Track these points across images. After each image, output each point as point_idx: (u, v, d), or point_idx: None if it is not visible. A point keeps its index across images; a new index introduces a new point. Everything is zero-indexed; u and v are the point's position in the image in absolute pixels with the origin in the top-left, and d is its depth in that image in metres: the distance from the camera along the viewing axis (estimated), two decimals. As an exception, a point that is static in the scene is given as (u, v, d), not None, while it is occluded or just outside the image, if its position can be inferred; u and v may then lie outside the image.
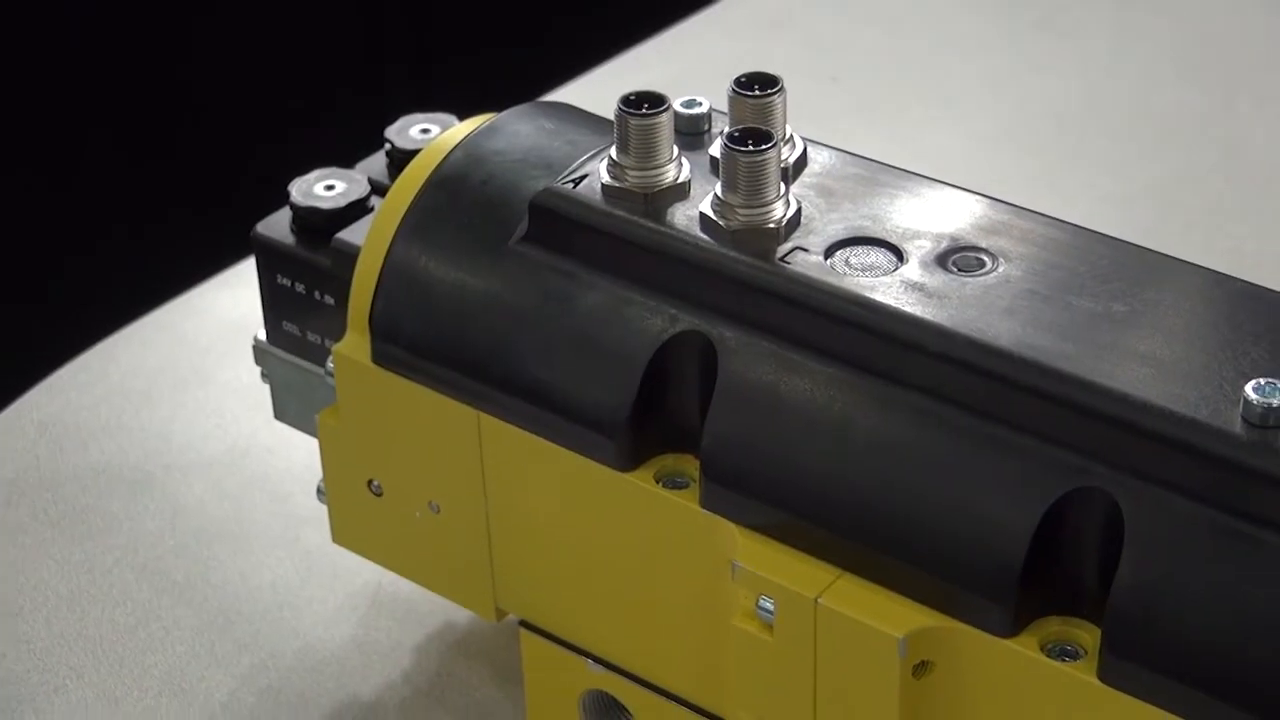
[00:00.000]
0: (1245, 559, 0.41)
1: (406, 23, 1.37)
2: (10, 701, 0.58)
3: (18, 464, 0.66)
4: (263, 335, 0.58)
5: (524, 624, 0.54)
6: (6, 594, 0.61)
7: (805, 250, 0.48)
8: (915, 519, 0.45)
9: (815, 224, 0.49)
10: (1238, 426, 0.42)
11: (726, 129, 0.48)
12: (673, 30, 0.90)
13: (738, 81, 0.49)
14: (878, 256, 0.48)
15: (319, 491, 0.56)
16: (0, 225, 1.33)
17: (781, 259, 0.47)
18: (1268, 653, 0.41)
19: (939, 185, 0.50)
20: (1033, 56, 0.89)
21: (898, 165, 0.51)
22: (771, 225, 0.48)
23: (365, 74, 1.38)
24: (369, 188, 0.56)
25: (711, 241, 0.48)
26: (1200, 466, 0.42)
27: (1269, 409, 0.42)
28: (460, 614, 0.60)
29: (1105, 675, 0.43)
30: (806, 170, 0.51)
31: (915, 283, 0.47)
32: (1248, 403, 0.42)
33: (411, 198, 0.52)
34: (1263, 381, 0.42)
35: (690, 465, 0.48)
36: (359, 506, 0.55)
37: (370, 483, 0.54)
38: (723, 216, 0.48)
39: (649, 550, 0.49)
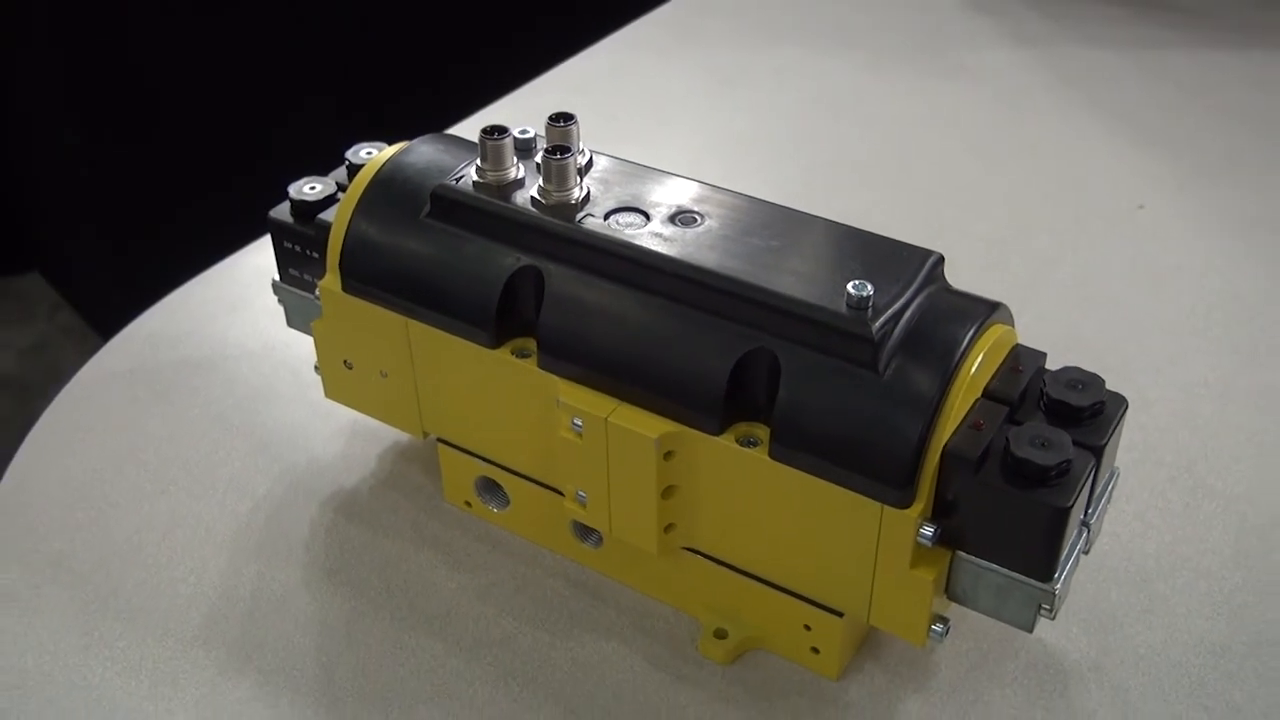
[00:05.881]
0: (846, 383, 0.42)
1: (361, 83, 1.34)
2: (132, 501, 0.56)
3: (134, 359, 0.64)
4: (277, 277, 0.56)
5: (440, 440, 0.53)
6: (131, 438, 0.60)
7: (593, 215, 0.47)
8: (661, 369, 0.44)
9: (598, 200, 0.48)
10: (843, 309, 0.42)
11: (545, 146, 0.47)
12: (512, 95, 0.88)
13: (550, 118, 0.49)
14: (635, 218, 0.47)
15: (315, 368, 0.55)
16: (138, 205, 1.29)
17: (578, 221, 0.47)
18: (859, 433, 0.42)
19: (671, 176, 0.50)
20: (726, 99, 0.89)
21: (647, 164, 0.51)
22: (573, 202, 0.47)
23: (332, 115, 1.34)
24: (336, 187, 0.54)
25: (537, 212, 0.47)
26: (822, 333, 0.42)
27: (859, 299, 0.42)
28: (402, 436, 0.59)
29: (773, 454, 0.43)
30: (593, 169, 0.50)
31: (657, 233, 0.46)
32: (849, 294, 0.42)
33: (361, 192, 0.50)
34: (857, 281, 0.43)
35: (531, 344, 0.48)
36: (340, 376, 0.54)
37: (345, 361, 0.53)
38: (544, 197, 0.47)
39: (509, 394, 0.49)
